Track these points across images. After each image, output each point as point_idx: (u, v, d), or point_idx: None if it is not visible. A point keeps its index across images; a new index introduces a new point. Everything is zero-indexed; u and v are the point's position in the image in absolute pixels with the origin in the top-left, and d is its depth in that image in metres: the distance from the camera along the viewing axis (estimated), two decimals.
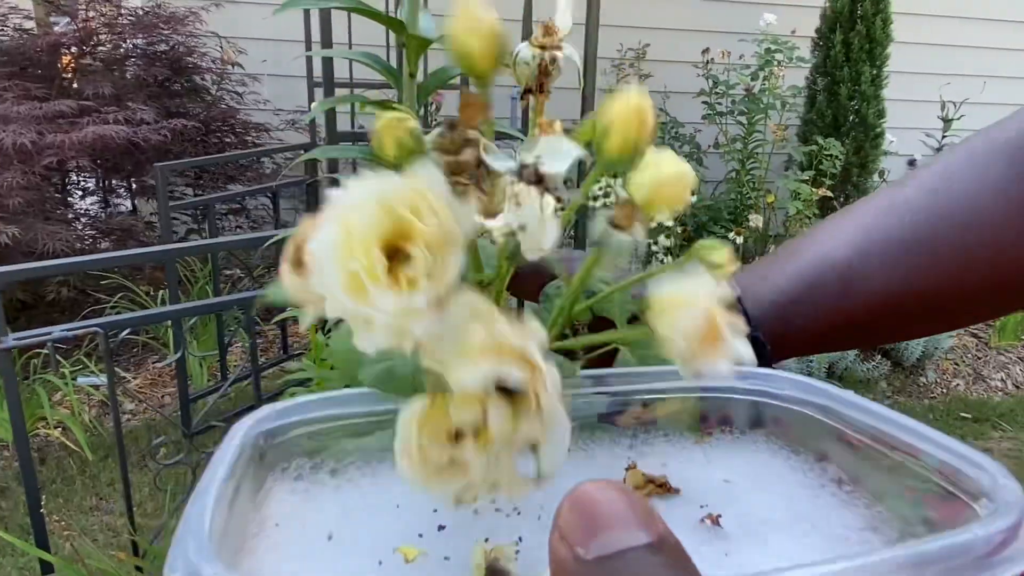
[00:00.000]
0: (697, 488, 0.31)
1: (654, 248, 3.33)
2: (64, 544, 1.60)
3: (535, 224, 0.25)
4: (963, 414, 2.90)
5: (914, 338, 0.51)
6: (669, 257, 3.30)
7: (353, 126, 3.10)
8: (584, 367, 0.34)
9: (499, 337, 0.23)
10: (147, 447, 2.29)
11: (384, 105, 1.07)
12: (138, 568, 1.50)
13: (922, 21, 4.60)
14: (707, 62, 4.10)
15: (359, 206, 0.23)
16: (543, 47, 0.34)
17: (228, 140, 3.30)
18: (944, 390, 3.11)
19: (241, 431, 0.29)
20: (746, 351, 0.27)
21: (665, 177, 0.28)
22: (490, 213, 0.27)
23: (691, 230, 3.70)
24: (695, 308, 0.26)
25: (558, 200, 0.26)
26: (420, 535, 0.28)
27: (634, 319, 0.34)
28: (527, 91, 0.35)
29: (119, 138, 2.49)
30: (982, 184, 0.41)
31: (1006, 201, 0.41)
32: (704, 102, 4.10)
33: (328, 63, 1.46)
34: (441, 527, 0.28)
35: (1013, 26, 4.92)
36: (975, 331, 3.51)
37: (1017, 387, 3.20)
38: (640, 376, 0.34)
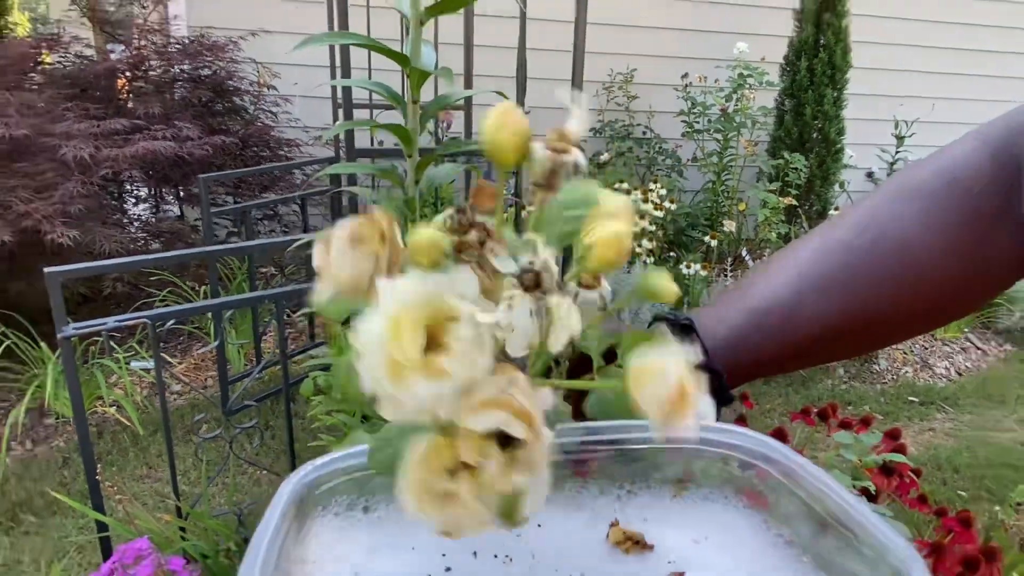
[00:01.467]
0: (669, 545, 0.31)
1: (638, 250, 3.34)
2: (117, 507, 1.63)
3: (523, 326, 0.25)
4: (911, 398, 2.91)
5: (857, 355, 0.49)
6: (651, 258, 3.31)
7: (372, 143, 3.12)
8: (564, 398, 0.34)
9: (513, 395, 0.24)
10: (190, 423, 2.32)
11: (395, 128, 1.07)
12: (181, 529, 1.52)
13: (878, 49, 4.59)
14: (686, 85, 4.11)
15: (407, 301, 0.23)
16: (556, 150, 0.34)
17: (263, 154, 3.32)
18: (894, 377, 3.11)
19: (288, 488, 0.29)
20: (708, 410, 0.28)
21: (604, 239, 0.28)
22: (491, 295, 0.27)
23: (671, 234, 3.70)
24: (666, 379, 0.25)
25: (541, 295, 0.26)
26: (429, 575, 0.28)
27: (610, 351, 0.34)
28: (536, 185, 0.35)
29: (166, 152, 2.52)
30: (903, 220, 0.43)
31: (924, 231, 0.42)
32: (684, 121, 4.11)
33: (347, 88, 1.47)
34: (448, 569, 0.29)
35: (959, 53, 4.91)
36: None
37: (959, 374, 3.20)
38: (622, 428, 0.33)
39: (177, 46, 3.35)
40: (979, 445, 2.53)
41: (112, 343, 2.50)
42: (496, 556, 0.29)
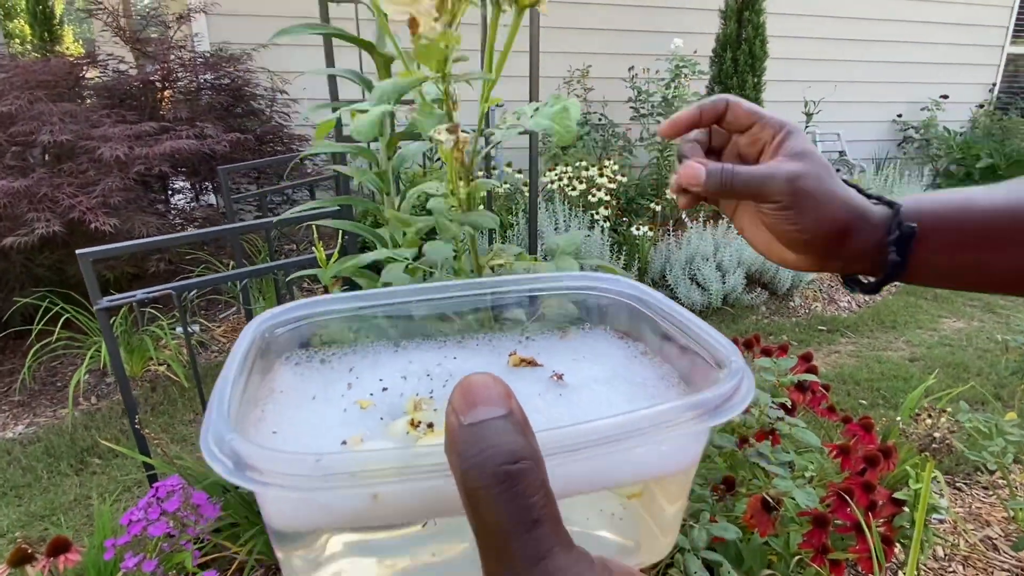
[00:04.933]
0: (554, 363, 0.32)
1: (596, 217, 3.26)
2: (159, 449, 1.57)
3: None
4: (820, 327, 2.89)
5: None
6: (607, 223, 3.23)
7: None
8: None
9: None
10: None
11: (359, 111, 0.97)
12: None
13: (790, 42, 4.47)
14: (633, 77, 3.98)
15: None
16: None
17: (278, 149, 3.19)
18: (807, 311, 3.09)
19: (251, 329, 0.30)
20: None
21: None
22: None
23: (624, 203, 3.62)
24: None
25: None
26: (371, 394, 0.29)
27: None
28: None
29: (190, 149, 2.38)
30: None
31: None
32: (632, 107, 3.99)
33: (333, 84, 1.37)
34: (384, 389, 0.30)
35: (856, 43, 4.80)
36: None
37: (859, 307, 3.18)
38: (523, 280, 0.34)
39: (200, 59, 3.18)
40: (875, 363, 2.51)
41: (158, 313, 2.41)
42: (421, 377, 0.31)
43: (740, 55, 3.72)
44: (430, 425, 0.25)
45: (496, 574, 0.15)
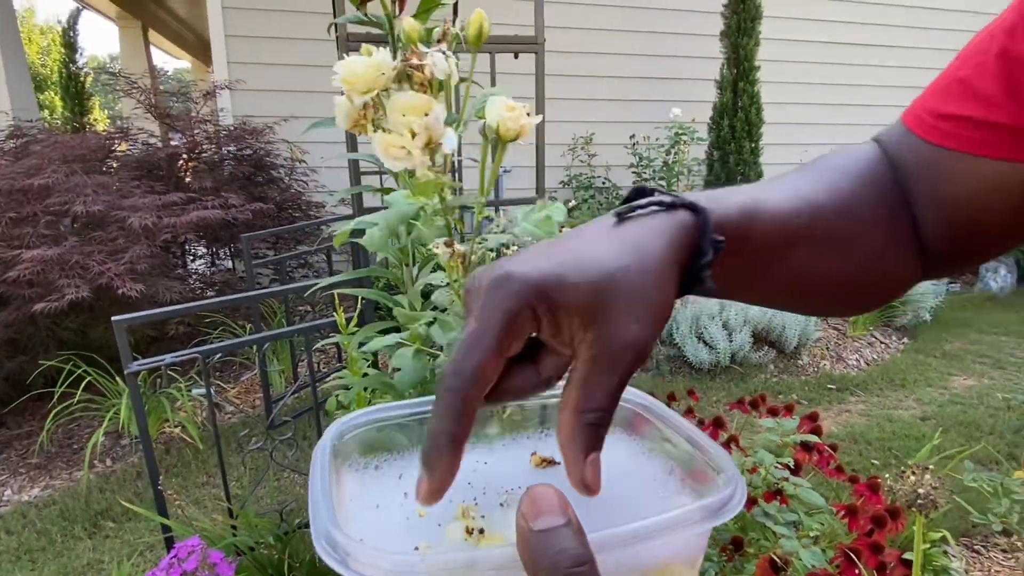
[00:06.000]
0: None
1: None
2: (179, 511, 1.59)
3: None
4: (829, 386, 2.90)
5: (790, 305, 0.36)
6: None
7: (382, 202, 3.13)
8: None
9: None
10: (240, 437, 2.28)
11: (385, 191, 1.07)
12: (232, 527, 1.49)
13: (785, 107, 4.66)
14: (634, 144, 4.15)
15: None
16: None
17: (296, 215, 3.33)
18: (815, 369, 3.10)
19: (331, 434, 0.33)
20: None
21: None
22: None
23: None
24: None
25: None
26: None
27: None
28: None
29: (215, 218, 2.51)
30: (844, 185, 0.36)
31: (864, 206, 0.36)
32: (634, 171, 4.14)
33: (355, 162, 1.48)
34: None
35: (848, 108, 5.00)
36: (836, 325, 3.52)
37: (868, 364, 3.19)
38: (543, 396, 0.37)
39: (224, 132, 3.38)
40: (886, 422, 2.51)
41: (175, 375, 2.47)
42: (463, 485, 0.33)
43: (737, 122, 3.90)
44: (481, 531, 0.29)
45: None
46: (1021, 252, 4.46)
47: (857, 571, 1.09)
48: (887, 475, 0.91)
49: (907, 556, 1.16)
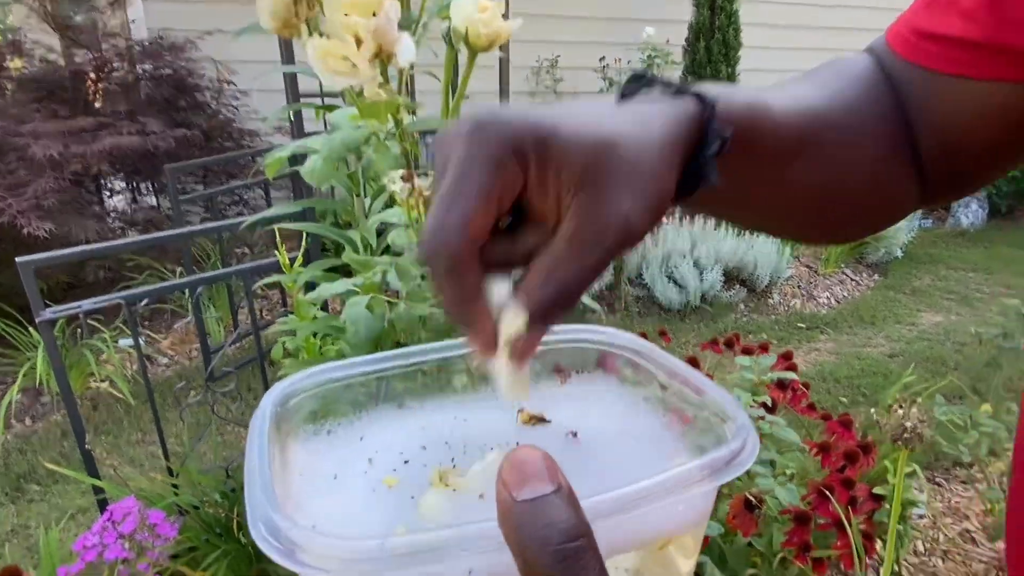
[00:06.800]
0: (561, 415, 0.34)
1: None
2: (112, 471, 1.55)
3: None
4: (799, 324, 3.01)
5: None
6: None
7: (326, 127, 2.99)
8: None
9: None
10: (177, 391, 2.23)
11: (328, 108, 1.00)
12: (173, 486, 1.46)
13: (765, 30, 4.61)
14: (604, 67, 4.06)
15: None
16: None
17: (227, 145, 3.15)
18: (786, 308, 3.21)
19: (270, 399, 0.31)
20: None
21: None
22: None
23: None
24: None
25: None
26: (394, 469, 0.30)
27: None
28: None
29: (133, 146, 2.35)
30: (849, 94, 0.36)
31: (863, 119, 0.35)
32: None
33: (292, 78, 1.38)
34: (406, 461, 0.30)
35: (834, 31, 4.98)
36: (808, 263, 3.62)
37: (838, 302, 3.32)
38: None
39: (138, 48, 3.12)
40: (855, 359, 2.63)
41: (98, 324, 2.36)
42: (439, 445, 0.32)
43: (714, 44, 3.83)
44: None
45: None
46: (993, 187, 4.64)
47: (829, 507, 1.15)
48: (872, 410, 0.95)
49: (877, 491, 1.23)
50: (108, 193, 3.13)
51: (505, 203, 0.24)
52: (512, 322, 0.23)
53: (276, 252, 1.21)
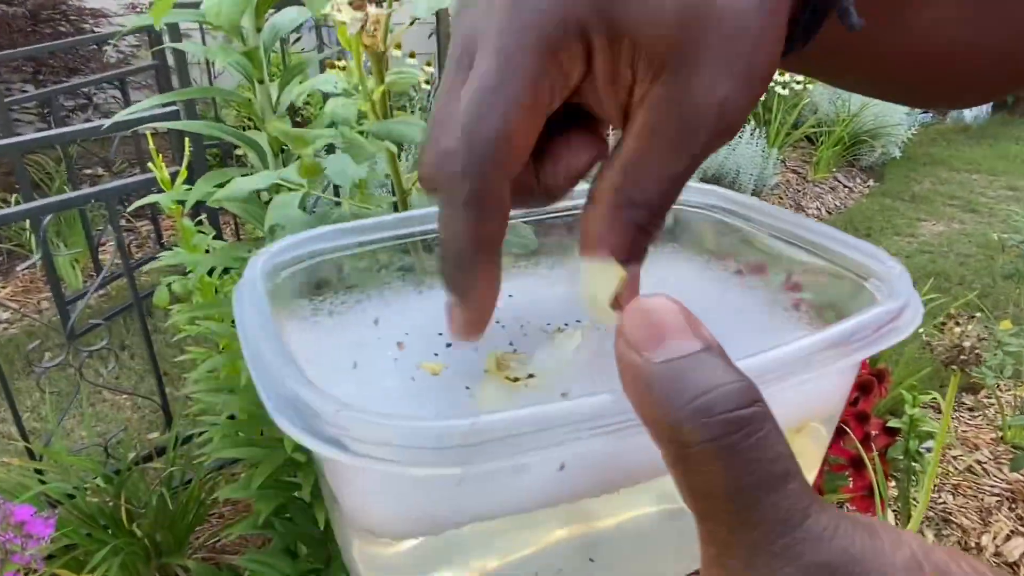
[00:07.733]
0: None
1: None
2: None
3: None
4: None
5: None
6: None
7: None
8: None
9: None
10: (27, 353, 2.08)
11: None
12: (38, 471, 1.38)
13: None
14: None
15: None
16: None
17: (62, 29, 2.86)
18: None
19: (256, 269, 0.28)
20: None
21: None
22: None
23: None
24: None
25: None
26: (436, 354, 0.28)
27: None
28: None
29: None
30: None
31: None
32: None
33: None
34: (448, 345, 0.28)
35: None
36: (795, 168, 3.70)
37: (829, 212, 3.42)
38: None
39: None
40: None
41: None
42: (498, 322, 0.30)
43: None
44: (531, 376, 0.25)
45: (733, 547, 0.15)
46: None
47: (842, 443, 1.20)
48: (921, 330, 0.97)
49: (892, 424, 1.29)
50: None
51: (560, 98, 0.21)
52: (606, 280, 0.22)
53: (143, 170, 1.09)
